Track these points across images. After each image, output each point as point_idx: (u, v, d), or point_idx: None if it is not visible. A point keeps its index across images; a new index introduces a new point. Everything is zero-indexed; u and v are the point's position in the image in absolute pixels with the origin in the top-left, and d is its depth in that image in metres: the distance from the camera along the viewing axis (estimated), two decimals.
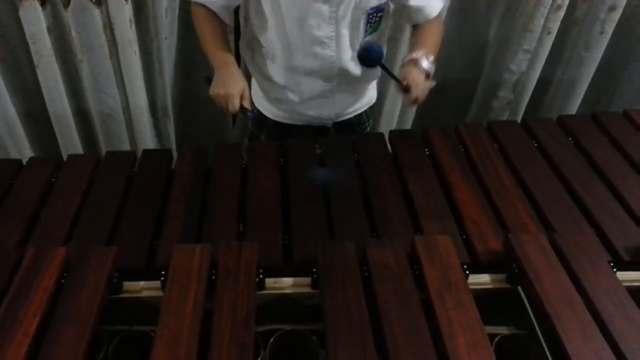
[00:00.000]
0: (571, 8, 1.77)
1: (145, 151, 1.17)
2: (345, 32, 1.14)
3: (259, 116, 1.35)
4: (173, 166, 1.15)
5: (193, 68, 1.79)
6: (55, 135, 1.78)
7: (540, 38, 1.79)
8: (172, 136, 1.86)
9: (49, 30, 1.57)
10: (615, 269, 0.87)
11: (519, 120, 1.47)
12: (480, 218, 1.00)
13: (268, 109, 1.34)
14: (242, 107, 1.07)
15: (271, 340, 0.80)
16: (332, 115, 1.33)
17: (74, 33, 1.57)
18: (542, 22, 1.74)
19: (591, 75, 1.94)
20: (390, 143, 1.22)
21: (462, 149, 1.20)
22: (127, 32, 1.56)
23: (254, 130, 1.42)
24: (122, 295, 0.85)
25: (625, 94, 2.04)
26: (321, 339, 0.80)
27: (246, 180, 1.10)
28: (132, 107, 1.75)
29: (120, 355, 0.80)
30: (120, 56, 1.61)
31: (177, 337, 0.73)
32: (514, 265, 0.88)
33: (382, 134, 1.25)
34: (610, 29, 1.82)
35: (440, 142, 1.21)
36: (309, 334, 0.82)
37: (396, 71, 1.18)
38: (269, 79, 1.26)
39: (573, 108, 2.00)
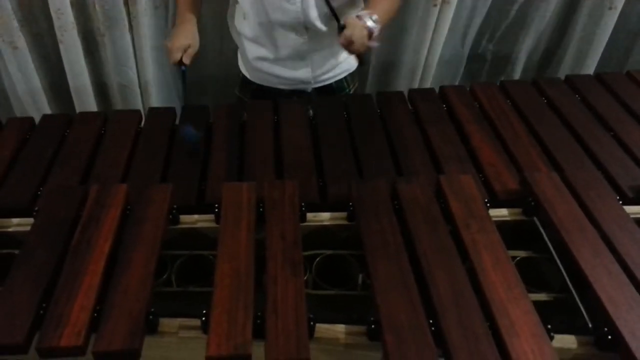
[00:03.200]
0: None
1: (185, 107, 1.26)
2: None
3: (244, 80, 1.43)
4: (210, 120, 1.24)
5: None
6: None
7: None
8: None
9: (72, 4, 1.64)
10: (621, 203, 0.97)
11: None
12: (496, 161, 1.10)
13: (251, 73, 1.42)
14: (180, 60, 1.14)
15: (316, 260, 0.89)
16: (310, 78, 1.39)
17: (97, 7, 1.65)
18: None
19: (600, 51, 2.02)
20: (409, 100, 1.31)
21: (477, 105, 1.29)
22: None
23: (241, 95, 1.50)
24: (180, 226, 0.95)
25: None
26: (360, 263, 0.90)
27: (279, 132, 1.19)
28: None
29: (182, 275, 0.90)
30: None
31: (236, 254, 0.82)
32: (530, 199, 0.98)
33: (402, 92, 1.34)
34: (619, 4, 1.89)
35: (457, 98, 1.30)
36: (349, 257, 0.91)
37: None
38: (244, 36, 1.34)
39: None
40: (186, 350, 0.79)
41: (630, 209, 0.98)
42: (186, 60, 1.16)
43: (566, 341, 0.78)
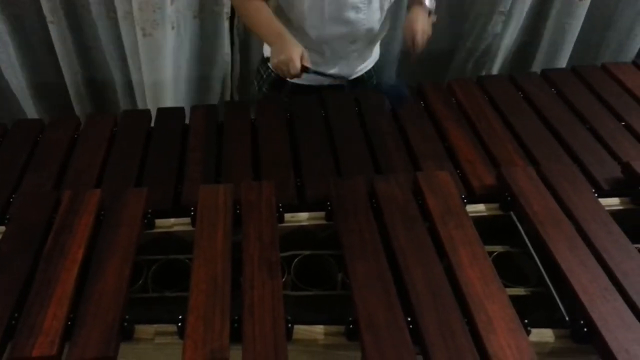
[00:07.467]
0: None
1: (160, 109, 1.25)
2: None
3: (277, 80, 1.40)
4: (187, 122, 1.22)
5: None
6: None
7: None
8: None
9: None
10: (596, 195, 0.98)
11: None
12: (473, 158, 1.10)
13: None
14: (303, 67, 1.13)
15: (294, 261, 0.89)
16: (350, 74, 1.39)
17: None
18: None
19: (573, 42, 2.03)
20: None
21: (455, 101, 1.30)
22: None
23: (270, 93, 1.46)
24: (155, 231, 0.94)
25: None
26: (339, 262, 0.90)
27: (256, 132, 1.18)
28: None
29: (158, 280, 0.89)
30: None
31: (213, 258, 0.81)
32: (506, 194, 0.98)
33: (379, 89, 1.33)
34: None
35: (434, 95, 1.30)
36: (327, 257, 0.91)
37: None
38: None
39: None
40: (162, 356, 0.78)
41: (605, 202, 0.99)
42: (307, 64, 1.14)
43: (543, 335, 0.78)
